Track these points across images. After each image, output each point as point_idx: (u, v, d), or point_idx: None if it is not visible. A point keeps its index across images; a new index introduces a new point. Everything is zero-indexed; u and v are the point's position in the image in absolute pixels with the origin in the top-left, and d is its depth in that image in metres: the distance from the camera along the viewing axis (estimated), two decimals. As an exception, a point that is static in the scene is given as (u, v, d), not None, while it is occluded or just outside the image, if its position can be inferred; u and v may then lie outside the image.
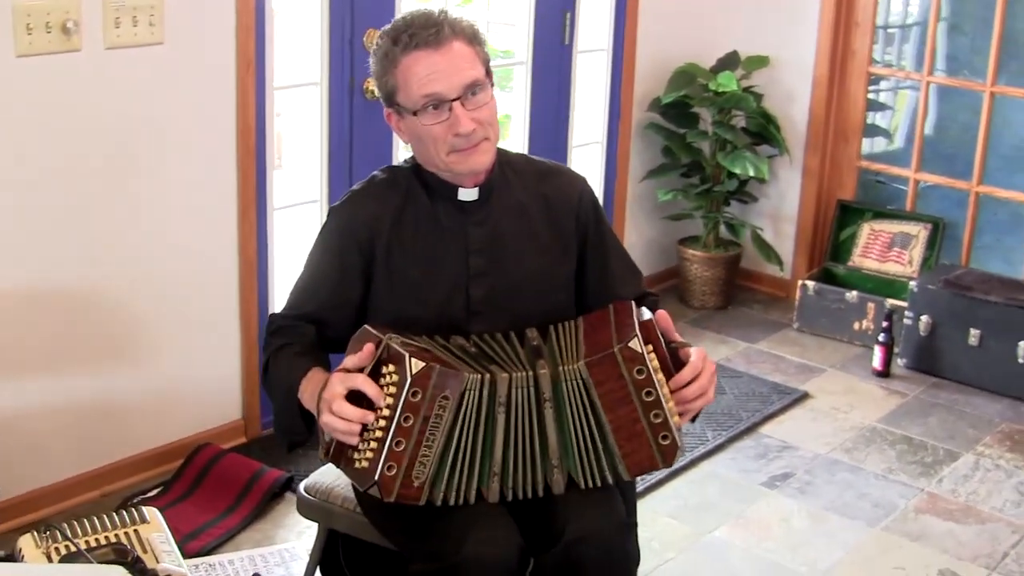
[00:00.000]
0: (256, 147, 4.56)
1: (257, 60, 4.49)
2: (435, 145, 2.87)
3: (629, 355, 2.69)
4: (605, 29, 6.06)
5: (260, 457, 4.58)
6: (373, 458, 2.63)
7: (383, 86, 2.91)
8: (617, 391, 2.70)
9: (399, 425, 2.60)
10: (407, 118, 2.89)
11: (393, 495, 2.65)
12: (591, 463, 2.74)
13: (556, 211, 3.06)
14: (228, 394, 4.75)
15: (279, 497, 4.42)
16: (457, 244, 2.98)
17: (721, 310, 6.49)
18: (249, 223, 4.60)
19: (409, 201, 2.99)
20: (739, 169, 6.08)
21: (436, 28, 2.82)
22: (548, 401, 2.71)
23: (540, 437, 2.72)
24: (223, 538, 4.15)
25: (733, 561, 4.23)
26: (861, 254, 6.39)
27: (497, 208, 3.01)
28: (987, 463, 4.98)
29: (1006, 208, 6.21)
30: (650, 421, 2.72)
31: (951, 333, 5.71)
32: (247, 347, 4.73)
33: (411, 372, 2.58)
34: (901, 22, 6.69)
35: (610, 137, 6.24)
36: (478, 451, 2.69)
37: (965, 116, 6.26)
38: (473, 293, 2.97)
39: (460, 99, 2.83)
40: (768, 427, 5.19)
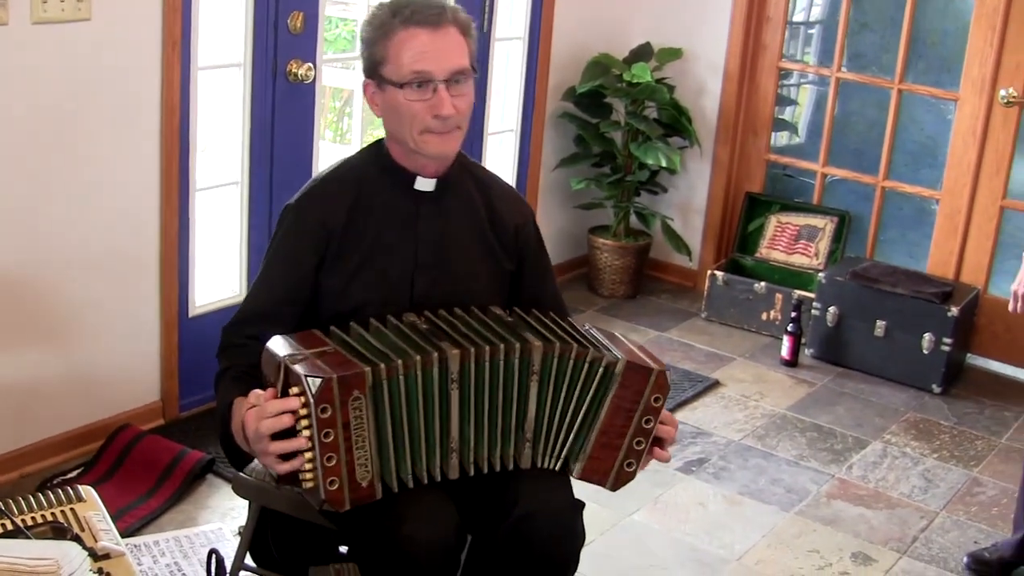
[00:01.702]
0: (180, 127, 4.53)
1: (183, 39, 4.45)
2: (411, 122, 2.87)
3: (662, 382, 2.75)
4: (522, 18, 6.09)
5: (179, 439, 4.55)
6: (314, 478, 2.61)
7: (370, 55, 2.91)
8: (628, 403, 2.74)
9: (322, 443, 2.58)
10: (388, 91, 2.88)
11: (345, 505, 2.64)
12: (557, 448, 2.78)
13: (501, 223, 3.08)
14: (147, 376, 4.70)
15: (200, 479, 4.40)
16: (408, 233, 2.98)
17: (630, 299, 6.55)
18: (171, 204, 4.56)
19: (365, 188, 2.99)
20: (651, 160, 6.14)
21: (439, 10, 2.85)
22: (536, 375, 2.73)
23: (519, 409, 2.74)
24: (146, 519, 4.11)
25: (652, 544, 4.29)
26: (768, 246, 6.48)
27: (450, 203, 3.03)
28: (894, 451, 5.10)
29: (911, 203, 6.33)
30: (631, 444, 2.77)
31: (858, 324, 5.83)
32: (167, 329, 4.69)
33: (312, 392, 2.55)
34: (812, 18, 6.79)
35: (524, 125, 6.27)
36: (432, 430, 2.69)
37: (872, 112, 6.38)
38: (417, 284, 2.97)
39: (446, 82, 2.85)
40: (681, 414, 5.26)
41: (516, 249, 3.11)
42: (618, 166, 6.43)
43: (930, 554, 4.36)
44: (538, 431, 2.77)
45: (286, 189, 4.46)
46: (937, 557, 4.34)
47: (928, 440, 5.21)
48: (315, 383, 2.54)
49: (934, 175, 6.16)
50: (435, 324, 2.82)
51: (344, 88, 7.39)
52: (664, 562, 4.19)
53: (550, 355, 2.74)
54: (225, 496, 4.28)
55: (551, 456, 2.79)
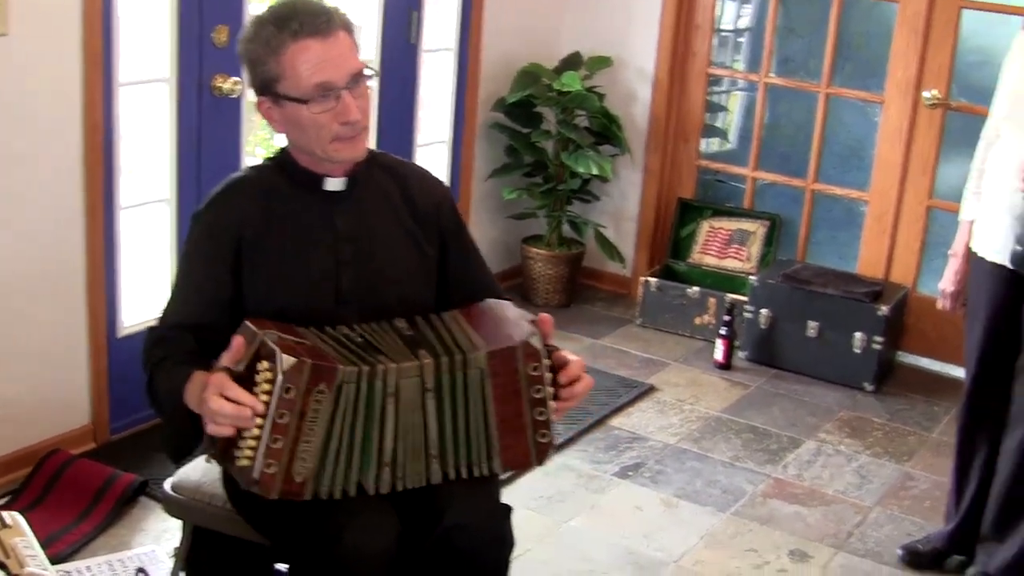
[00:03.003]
0: (103, 145, 4.47)
1: (105, 55, 4.40)
2: (318, 133, 2.85)
3: (529, 351, 2.71)
4: (451, 29, 6.10)
5: (111, 462, 4.48)
6: (253, 456, 2.60)
7: (261, 74, 2.85)
8: (510, 385, 2.72)
9: (275, 423, 2.57)
10: (286, 106, 2.85)
11: (275, 492, 2.62)
12: (468, 454, 2.77)
13: (419, 208, 3.07)
14: (76, 399, 4.62)
15: (133, 502, 4.33)
16: (324, 234, 2.96)
17: (565, 308, 6.56)
18: (96, 223, 4.49)
19: (274, 195, 2.96)
20: (582, 168, 6.16)
21: (326, 17, 2.80)
22: (430, 391, 2.72)
23: (424, 427, 2.73)
24: (78, 544, 4.04)
25: (590, 549, 4.29)
26: (701, 251, 6.52)
27: (363, 198, 3.01)
28: (828, 449, 5.13)
29: (840, 205, 6.39)
30: (534, 418, 2.75)
31: (790, 326, 5.87)
32: (95, 350, 4.61)
33: (282, 368, 2.55)
34: (740, 25, 6.84)
35: (455, 136, 6.28)
36: (370, 441, 2.68)
37: (800, 116, 6.43)
38: (342, 282, 2.95)
39: (348, 88, 2.82)
40: (617, 419, 5.28)
41: (437, 232, 3.09)
42: (550, 175, 6.45)
43: (865, 548, 4.39)
44: (442, 446, 2.75)
45: (215, 204, 4.44)
46: (872, 551, 4.37)
47: (861, 437, 5.26)
48: (288, 361, 2.55)
49: (862, 177, 6.22)
50: (366, 339, 2.81)
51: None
52: (603, 567, 4.19)
53: (442, 370, 2.72)
54: (159, 518, 4.19)
55: (463, 466, 2.78)
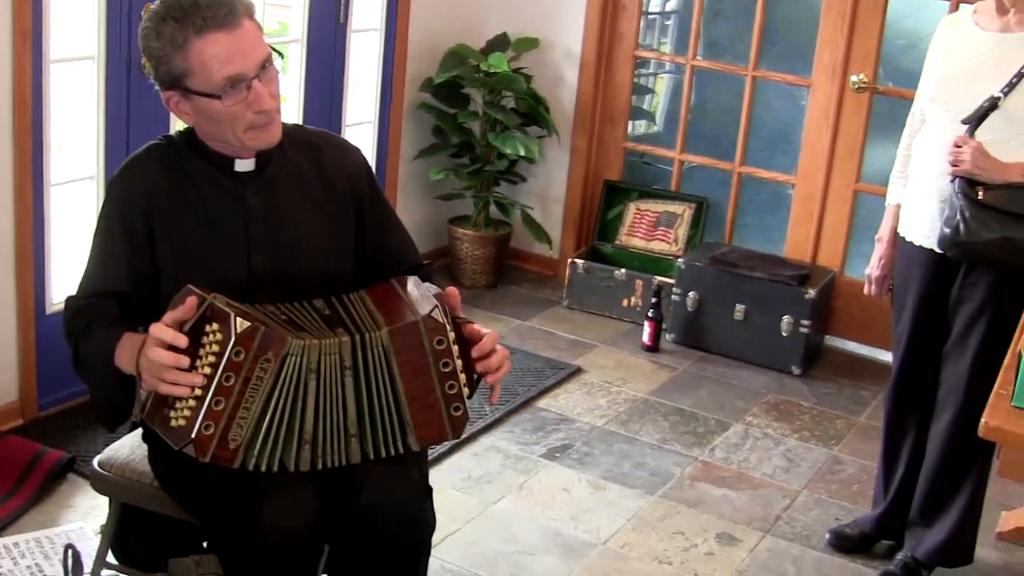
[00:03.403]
0: (33, 121, 4.43)
1: (34, 32, 4.35)
2: (233, 123, 2.80)
3: (432, 325, 2.71)
4: (378, 9, 6.05)
5: (39, 438, 4.45)
6: (191, 416, 2.59)
7: (168, 70, 2.78)
8: (416, 360, 2.72)
9: (220, 384, 2.56)
10: (196, 100, 2.79)
11: (208, 455, 2.61)
12: (383, 433, 2.75)
13: (332, 179, 3.04)
14: (3, 375, 4.58)
15: (61, 478, 4.29)
16: (235, 214, 2.93)
17: (492, 288, 6.54)
18: (25, 200, 4.45)
19: (184, 171, 2.92)
20: (510, 149, 6.14)
21: (229, 8, 2.74)
22: (348, 369, 2.70)
23: (342, 406, 2.71)
24: (6, 521, 4.00)
25: (518, 530, 4.28)
26: (628, 233, 6.51)
27: (274, 176, 2.98)
28: (756, 432, 5.15)
29: (767, 188, 6.41)
30: (444, 392, 2.74)
31: (717, 309, 5.88)
32: (23, 326, 4.57)
33: (235, 331, 2.54)
34: (667, 8, 6.84)
35: (382, 117, 6.23)
36: (294, 418, 2.67)
37: (728, 99, 6.44)
38: (254, 262, 2.92)
39: (258, 76, 2.78)
40: (544, 401, 5.27)
41: (353, 202, 3.06)
42: (477, 156, 6.43)
43: (793, 532, 4.40)
44: (360, 425, 2.74)
45: (140, 180, 4.39)
46: (800, 535, 4.39)
47: (789, 421, 5.27)
48: (242, 324, 2.55)
49: (789, 160, 6.24)
50: (289, 316, 2.79)
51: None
52: (530, 548, 4.18)
53: (357, 348, 2.70)
54: (87, 495, 4.17)
55: (381, 444, 2.75)
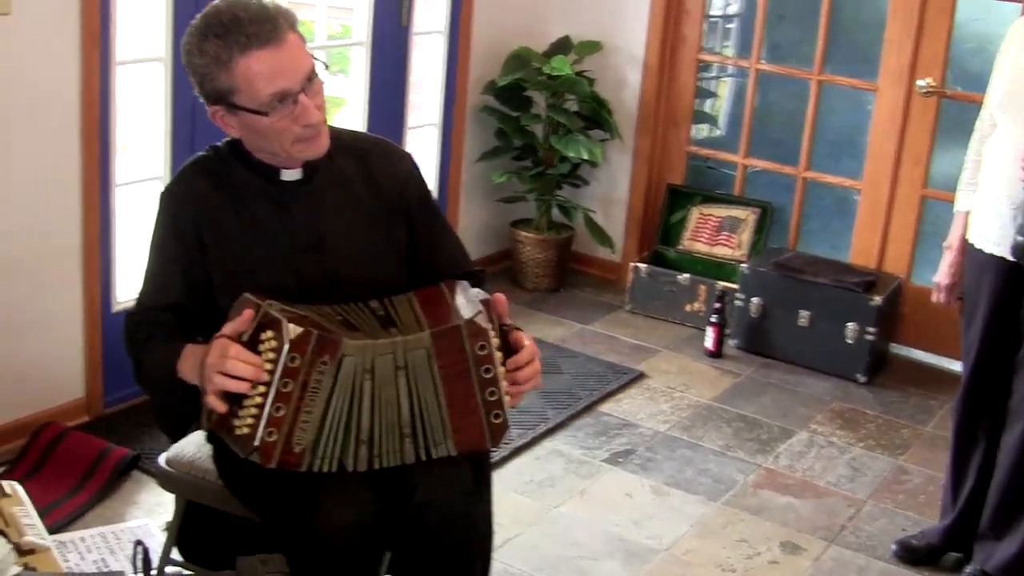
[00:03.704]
0: (100, 122, 4.47)
1: (102, 33, 4.40)
2: (280, 138, 2.80)
3: (474, 330, 2.69)
4: (442, 12, 6.04)
5: (104, 435, 4.50)
6: (254, 424, 2.60)
7: (211, 87, 2.78)
8: (457, 365, 2.70)
9: (279, 391, 2.57)
10: (242, 115, 2.79)
11: (274, 461, 2.62)
12: (427, 436, 2.73)
13: (382, 186, 3.03)
14: (71, 372, 4.63)
15: (126, 475, 4.33)
16: (283, 224, 2.93)
17: (554, 292, 6.52)
18: (92, 200, 4.50)
19: (231, 182, 2.93)
20: (572, 152, 6.12)
21: (272, 24, 2.72)
22: (401, 369, 2.69)
23: (396, 406, 2.71)
24: (72, 516, 4.05)
25: (580, 535, 4.25)
26: (691, 237, 6.48)
27: (321, 185, 2.97)
28: (820, 440, 5.09)
29: (832, 193, 6.35)
30: (485, 398, 2.72)
31: (781, 314, 5.83)
32: (90, 324, 4.62)
33: (289, 337, 2.55)
34: (730, 11, 6.80)
35: (445, 119, 6.23)
36: (352, 418, 2.67)
37: (792, 103, 6.39)
38: (304, 271, 2.92)
39: (304, 90, 2.77)
40: (607, 405, 5.24)
41: (403, 210, 3.04)
42: (539, 159, 6.41)
43: (858, 542, 4.35)
44: (413, 425, 2.72)
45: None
46: (865, 545, 4.34)
47: (854, 429, 5.22)
48: (295, 331, 2.56)
49: (855, 165, 6.17)
50: (344, 317, 2.80)
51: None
52: (592, 553, 4.16)
53: (409, 348, 2.69)
54: (152, 492, 4.21)
55: (424, 448, 2.74)
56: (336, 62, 6.56)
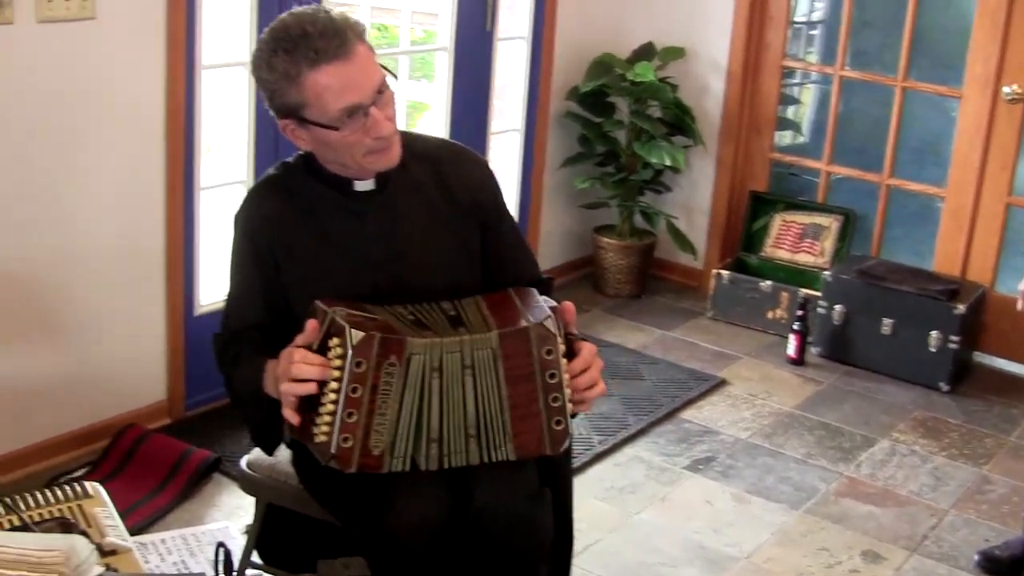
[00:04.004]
0: (184, 126, 4.52)
1: (187, 38, 4.45)
2: (351, 150, 2.81)
3: (542, 333, 2.70)
4: (525, 17, 6.07)
5: (185, 438, 4.56)
6: (329, 431, 2.62)
7: (281, 102, 2.79)
8: (522, 367, 2.71)
9: (348, 396, 2.59)
10: (312, 129, 2.80)
11: (353, 466, 2.64)
12: (490, 438, 2.74)
13: (456, 192, 3.03)
14: (153, 375, 4.70)
15: (207, 478, 4.39)
16: (357, 234, 2.94)
17: (635, 298, 6.53)
18: (176, 202, 4.56)
19: (303, 196, 2.94)
20: (655, 159, 6.13)
21: (341, 38, 2.71)
22: (468, 368, 2.70)
23: (463, 405, 2.72)
24: (153, 517, 4.11)
25: (660, 542, 4.26)
26: (773, 244, 6.46)
27: (395, 193, 2.98)
28: (903, 449, 5.07)
29: (916, 200, 6.32)
30: (548, 403, 2.72)
31: (864, 322, 5.80)
32: (172, 328, 4.68)
33: (352, 343, 2.58)
34: (814, 17, 6.78)
35: (528, 125, 6.25)
36: (422, 416, 2.68)
37: (876, 110, 6.36)
38: (378, 280, 2.93)
39: (374, 103, 2.77)
40: (688, 412, 5.24)
41: (477, 217, 3.04)
42: (622, 165, 6.42)
43: (940, 552, 4.33)
44: (478, 426, 2.73)
45: (291, 188, 4.45)
46: (948, 555, 4.31)
47: (936, 438, 5.19)
48: (357, 335, 2.58)
49: (939, 172, 6.13)
50: (416, 316, 2.81)
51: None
52: (672, 560, 4.17)
53: (477, 348, 2.70)
54: (232, 495, 4.27)
55: (493, 449, 2.75)
56: (419, 67, 6.60)
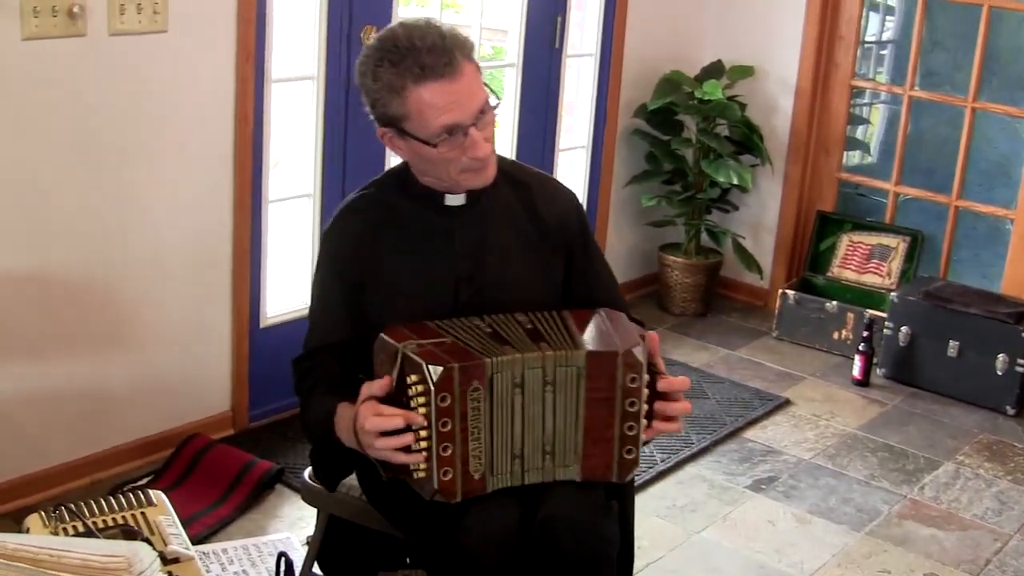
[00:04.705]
0: (253, 139, 4.56)
1: (257, 52, 4.50)
2: (447, 167, 2.83)
3: (630, 361, 2.69)
4: (593, 34, 6.09)
5: (248, 448, 4.59)
6: (427, 468, 2.62)
7: (383, 111, 2.82)
8: (604, 391, 2.70)
9: (439, 431, 2.59)
10: (411, 142, 2.82)
11: (458, 496, 2.64)
12: (558, 456, 2.74)
13: (543, 219, 3.04)
14: (217, 385, 4.74)
15: (270, 489, 4.42)
16: (445, 250, 2.96)
17: (701, 317, 6.52)
18: (244, 214, 4.60)
19: (394, 212, 2.96)
20: (723, 177, 6.12)
21: (448, 57, 2.73)
22: (549, 385, 2.70)
23: (542, 420, 2.72)
24: (215, 527, 4.14)
25: (721, 561, 4.26)
26: (840, 265, 6.43)
27: (484, 211, 2.99)
28: (967, 472, 5.03)
29: (984, 222, 6.28)
30: (623, 431, 2.72)
31: (930, 344, 5.77)
32: (238, 339, 4.72)
33: (433, 380, 2.56)
34: (884, 37, 6.75)
35: (595, 142, 6.26)
36: (505, 433, 2.68)
37: (945, 131, 6.33)
38: (462, 297, 2.94)
39: (475, 123, 2.79)
40: (751, 432, 5.23)
41: (564, 246, 3.05)
42: (689, 183, 6.41)
43: (1004, 576, 4.31)
44: (555, 442, 2.73)
45: (358, 202, 4.47)
46: (1011, 579, 4.29)
47: (1001, 462, 5.14)
48: (436, 371, 2.56)
49: (1008, 194, 6.09)
50: (494, 329, 2.80)
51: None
52: (733, 580, 4.17)
53: (559, 363, 2.70)
54: (294, 506, 4.29)
55: (563, 466, 2.75)
56: (488, 83, 6.60)
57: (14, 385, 4.11)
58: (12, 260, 4.02)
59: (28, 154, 3.96)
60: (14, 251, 4.01)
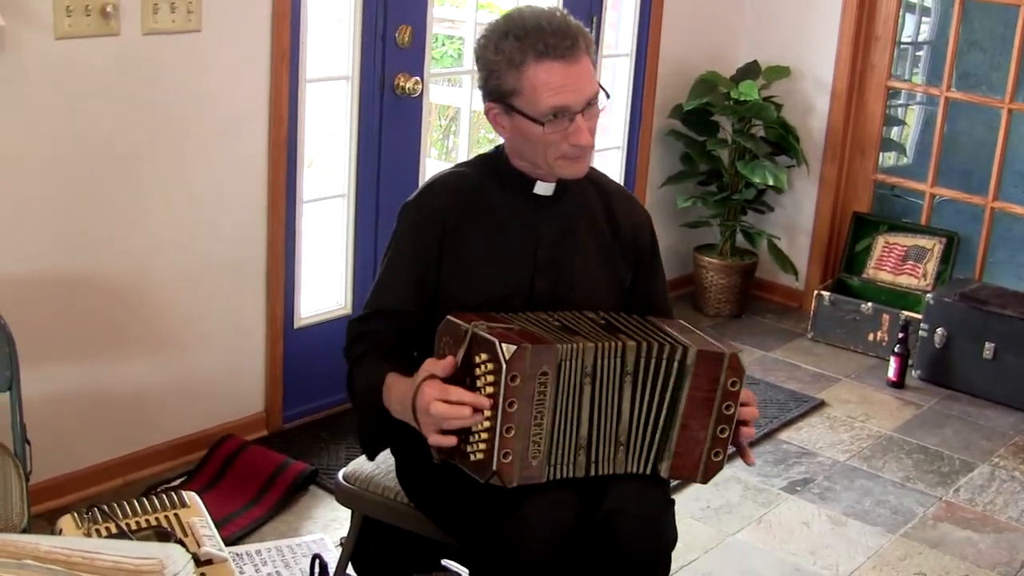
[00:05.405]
0: (288, 138, 4.57)
1: (291, 51, 4.51)
2: (546, 149, 2.86)
3: (734, 364, 2.70)
4: (629, 35, 6.08)
5: (282, 449, 4.60)
6: (487, 449, 2.60)
7: (495, 84, 2.86)
8: (706, 391, 2.71)
9: (505, 412, 2.57)
10: (516, 119, 2.86)
11: (515, 480, 2.63)
12: (645, 450, 2.75)
13: (620, 226, 3.08)
14: (251, 386, 4.75)
15: (303, 490, 4.42)
16: (528, 238, 2.99)
17: (736, 318, 6.51)
18: (278, 215, 4.61)
19: (482, 193, 2.99)
20: (758, 178, 6.10)
21: (572, 41, 2.78)
22: (629, 375, 2.71)
23: (617, 412, 2.72)
24: (249, 528, 4.15)
25: (756, 563, 4.25)
26: (875, 266, 6.41)
27: (569, 207, 3.03)
28: (1003, 474, 5.01)
29: (1021, 224, 6.24)
30: (715, 433, 2.73)
31: (966, 346, 5.74)
32: (272, 340, 4.73)
33: (505, 358, 2.54)
34: (920, 38, 6.72)
35: (631, 142, 6.26)
36: (571, 423, 2.68)
37: (981, 132, 6.29)
38: (537, 286, 2.97)
39: (582, 111, 2.82)
40: (786, 433, 5.22)
41: (634, 255, 3.09)
42: (724, 184, 6.40)
43: (1039, 579, 4.29)
44: (631, 435, 2.74)
45: (393, 202, 4.43)
46: (1046, 582, 4.27)
47: (1038, 464, 5.13)
48: (509, 349, 2.54)
49: (1046, 196, 6.07)
50: (562, 322, 2.81)
51: (450, 105, 7.38)
52: (767, 581, 4.16)
53: (642, 354, 2.71)
54: (328, 507, 4.30)
55: (640, 460, 2.76)
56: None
57: (51, 387, 4.12)
58: (50, 262, 4.03)
59: (63, 154, 3.97)
60: (52, 254, 4.03)
